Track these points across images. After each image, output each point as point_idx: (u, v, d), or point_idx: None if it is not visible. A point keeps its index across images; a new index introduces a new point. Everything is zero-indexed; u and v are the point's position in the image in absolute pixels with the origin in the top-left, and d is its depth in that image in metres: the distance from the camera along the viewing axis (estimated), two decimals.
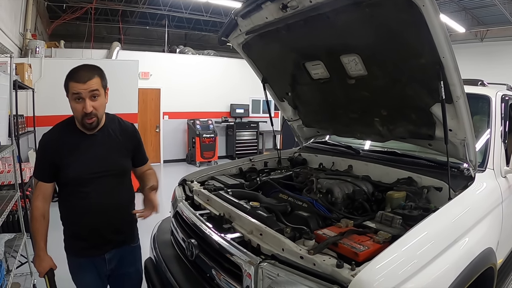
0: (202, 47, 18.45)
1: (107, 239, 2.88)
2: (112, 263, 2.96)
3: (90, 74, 2.62)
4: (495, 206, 2.96)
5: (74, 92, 2.57)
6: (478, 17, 14.98)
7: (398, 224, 2.40)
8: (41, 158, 2.76)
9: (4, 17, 8.40)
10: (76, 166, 2.69)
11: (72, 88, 2.58)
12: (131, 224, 3.08)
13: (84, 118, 2.64)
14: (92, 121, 2.67)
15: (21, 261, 4.53)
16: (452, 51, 2.48)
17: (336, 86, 3.65)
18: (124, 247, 3.02)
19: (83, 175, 2.69)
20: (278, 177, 3.79)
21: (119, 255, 2.99)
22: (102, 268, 2.92)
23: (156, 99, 14.68)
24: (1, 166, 6.15)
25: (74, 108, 2.63)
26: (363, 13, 2.71)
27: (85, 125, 2.69)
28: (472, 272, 2.38)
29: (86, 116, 2.62)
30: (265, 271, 2.18)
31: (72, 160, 2.68)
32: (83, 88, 2.56)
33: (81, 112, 2.61)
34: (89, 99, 2.59)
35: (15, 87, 5.72)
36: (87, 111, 2.59)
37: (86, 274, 2.88)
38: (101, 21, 16.68)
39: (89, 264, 2.87)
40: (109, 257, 2.93)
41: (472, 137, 2.84)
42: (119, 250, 2.98)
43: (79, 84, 2.56)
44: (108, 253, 2.91)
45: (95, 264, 2.88)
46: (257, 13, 3.30)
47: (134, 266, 3.16)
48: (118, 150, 2.90)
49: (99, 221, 2.78)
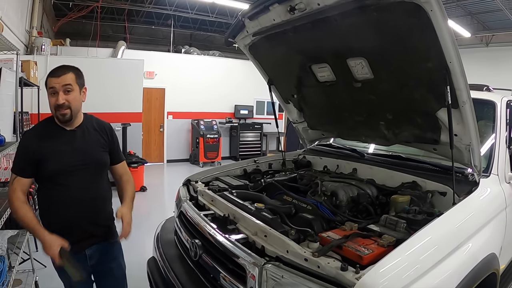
0: (207, 47, 18.46)
1: (88, 232, 2.92)
2: (93, 259, 3.00)
3: (65, 70, 2.78)
4: (499, 211, 2.96)
5: (50, 86, 2.74)
6: (484, 22, 14.94)
7: (402, 228, 2.40)
8: (21, 154, 2.78)
9: (11, 15, 8.42)
10: (57, 159, 2.76)
11: (49, 83, 2.75)
12: (109, 219, 3.11)
13: (57, 110, 2.75)
14: (65, 113, 2.76)
15: (23, 258, 4.54)
16: (459, 56, 2.48)
17: (342, 89, 3.66)
18: (103, 243, 3.06)
19: (63, 168, 2.74)
20: (282, 179, 3.80)
21: (99, 251, 3.04)
22: (84, 265, 2.89)
23: (161, 99, 14.69)
24: (5, 163, 6.17)
25: (49, 101, 2.77)
26: (370, 17, 2.71)
27: (59, 118, 2.78)
28: (475, 278, 2.38)
29: (58, 107, 2.74)
30: (269, 272, 2.19)
31: (52, 153, 2.76)
32: (57, 82, 2.73)
33: (54, 104, 2.74)
34: (62, 92, 2.73)
35: (21, 84, 5.72)
36: (58, 102, 2.72)
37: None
38: (107, 20, 16.70)
39: None
40: (90, 253, 2.97)
41: (477, 142, 2.84)
42: (99, 246, 3.02)
43: (54, 78, 2.74)
44: (89, 248, 2.96)
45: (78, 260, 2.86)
46: (264, 15, 3.31)
47: (115, 262, 3.18)
48: (97, 145, 2.99)
49: (79, 213, 2.83)
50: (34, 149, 2.72)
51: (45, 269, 5.16)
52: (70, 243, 2.72)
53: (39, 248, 5.78)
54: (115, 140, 3.21)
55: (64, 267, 2.60)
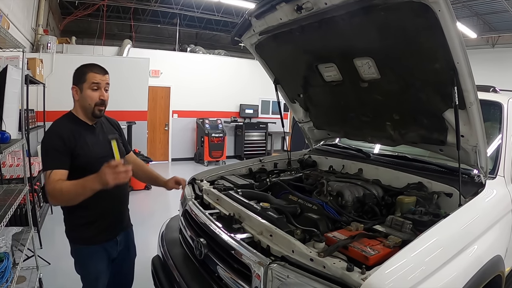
0: (213, 46, 18.52)
1: (119, 218, 3.17)
2: (121, 245, 3.19)
3: (105, 70, 2.95)
4: (505, 213, 2.94)
5: (94, 82, 2.85)
6: (490, 23, 14.92)
7: (408, 229, 2.39)
8: (57, 148, 2.74)
9: (17, 12, 8.45)
10: (87, 151, 2.84)
11: (93, 78, 2.85)
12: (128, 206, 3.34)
13: (97, 106, 2.89)
14: (102, 108, 2.95)
15: (27, 255, 4.56)
16: (467, 57, 2.46)
17: (348, 89, 3.65)
18: (127, 230, 3.32)
19: (93, 159, 2.78)
20: (288, 178, 3.80)
21: (126, 236, 3.26)
22: (113, 252, 3.10)
23: (166, 97, 14.72)
24: (10, 160, 6.21)
25: (89, 95, 2.86)
26: (378, 17, 2.70)
27: (95, 113, 2.92)
28: (481, 280, 2.37)
29: (100, 103, 2.90)
30: (274, 272, 2.18)
31: (82, 146, 2.84)
32: (102, 79, 2.89)
33: (97, 99, 2.88)
34: (103, 89, 2.91)
35: (27, 81, 5.74)
36: (104, 98, 2.91)
37: (98, 261, 3.00)
38: (113, 18, 16.77)
39: (101, 250, 3.00)
40: (120, 239, 3.16)
41: (484, 144, 2.82)
42: (125, 233, 3.25)
43: (99, 75, 2.88)
44: (119, 235, 3.15)
45: (106, 249, 3.04)
46: (271, 14, 3.31)
47: (133, 246, 3.42)
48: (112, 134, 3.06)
49: (112, 202, 3.02)
50: (70, 139, 2.79)
51: (49, 266, 5.20)
52: (105, 231, 3.01)
53: (44, 245, 5.81)
54: (122, 133, 3.41)
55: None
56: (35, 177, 6.73)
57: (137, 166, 3.43)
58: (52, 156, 2.75)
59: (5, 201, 3.60)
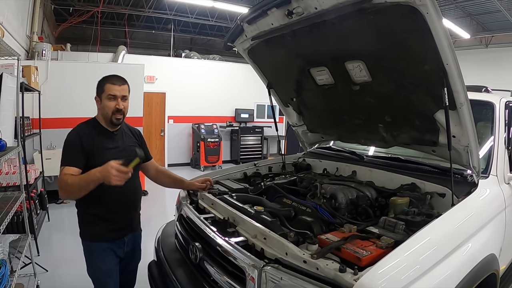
0: (208, 51, 18.54)
1: (129, 220, 3.28)
2: (129, 246, 3.29)
3: (123, 81, 3.19)
4: (498, 212, 2.97)
5: (110, 93, 3.08)
6: (483, 23, 14.98)
7: (401, 230, 2.41)
8: (74, 146, 2.96)
9: (12, 20, 8.45)
10: (102, 155, 2.96)
11: (109, 89, 3.08)
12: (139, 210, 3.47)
13: (114, 114, 3.09)
14: (120, 117, 3.13)
15: (25, 262, 4.56)
16: (456, 58, 2.49)
17: (340, 92, 3.67)
18: (136, 232, 3.42)
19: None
20: (282, 182, 3.81)
21: (133, 239, 3.36)
22: (120, 251, 3.22)
23: (161, 103, 14.70)
24: (6, 168, 6.20)
25: (107, 105, 3.08)
26: (368, 20, 2.73)
27: (112, 121, 3.12)
28: (475, 278, 2.39)
29: (117, 112, 3.09)
30: (268, 274, 2.19)
31: (99, 150, 3.03)
32: (118, 90, 3.10)
33: (113, 108, 3.08)
34: (120, 99, 3.11)
35: (22, 89, 5.76)
36: (119, 107, 3.09)
37: (108, 258, 3.15)
38: (107, 24, 16.80)
39: (110, 248, 3.14)
40: (128, 240, 3.27)
41: (475, 144, 2.85)
42: (133, 234, 3.36)
43: (116, 86, 3.09)
44: (127, 236, 3.26)
45: (114, 248, 3.17)
46: (262, 19, 3.34)
47: (139, 250, 3.51)
48: (133, 145, 3.32)
49: (124, 203, 3.18)
50: (88, 140, 3.00)
51: (46, 273, 5.19)
52: (115, 230, 3.16)
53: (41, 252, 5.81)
54: (144, 141, 3.57)
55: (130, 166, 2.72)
56: (32, 184, 6.72)
57: (161, 173, 3.73)
58: (68, 154, 2.97)
59: (2, 209, 3.61)
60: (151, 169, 3.63)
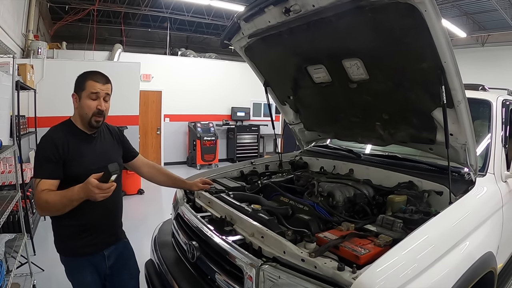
0: (204, 50, 18.51)
1: (108, 233, 3.01)
2: (111, 259, 3.04)
3: (107, 79, 2.86)
4: (496, 210, 2.97)
5: (93, 91, 2.75)
6: (480, 22, 15.00)
7: (399, 228, 2.41)
8: (49, 156, 2.67)
9: (7, 18, 8.41)
10: (83, 161, 2.76)
11: (92, 87, 2.75)
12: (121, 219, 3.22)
13: (94, 116, 2.79)
14: (100, 119, 2.83)
15: (21, 262, 4.55)
16: (454, 56, 2.49)
17: (337, 90, 3.67)
18: (119, 243, 3.14)
19: (87, 171, 2.61)
20: (279, 180, 3.80)
21: (117, 251, 3.09)
22: (101, 266, 2.98)
23: (158, 102, 14.68)
24: (2, 167, 6.18)
25: (87, 105, 2.77)
26: (365, 18, 2.72)
27: (91, 123, 2.81)
28: (472, 276, 2.39)
29: (97, 113, 2.79)
30: (266, 273, 2.19)
31: (76, 156, 2.75)
32: (101, 88, 2.78)
33: (94, 108, 2.77)
34: (103, 99, 2.80)
35: (17, 87, 5.72)
36: (101, 107, 2.78)
37: (87, 273, 2.89)
38: (103, 23, 16.74)
39: (87, 263, 2.90)
40: (108, 253, 3.01)
41: (473, 142, 2.85)
42: (116, 246, 3.09)
43: (99, 84, 2.78)
44: (107, 249, 3.00)
45: (93, 263, 2.93)
46: (260, 16, 3.32)
47: (132, 259, 3.26)
48: (113, 148, 3.10)
49: (103, 215, 2.90)
50: (63, 147, 2.70)
51: (43, 272, 5.18)
52: (90, 245, 2.87)
53: (37, 251, 5.79)
54: (125, 138, 3.34)
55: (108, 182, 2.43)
56: (27, 183, 6.71)
57: (156, 170, 3.54)
58: (43, 165, 2.68)
59: None
60: (141, 167, 3.43)
